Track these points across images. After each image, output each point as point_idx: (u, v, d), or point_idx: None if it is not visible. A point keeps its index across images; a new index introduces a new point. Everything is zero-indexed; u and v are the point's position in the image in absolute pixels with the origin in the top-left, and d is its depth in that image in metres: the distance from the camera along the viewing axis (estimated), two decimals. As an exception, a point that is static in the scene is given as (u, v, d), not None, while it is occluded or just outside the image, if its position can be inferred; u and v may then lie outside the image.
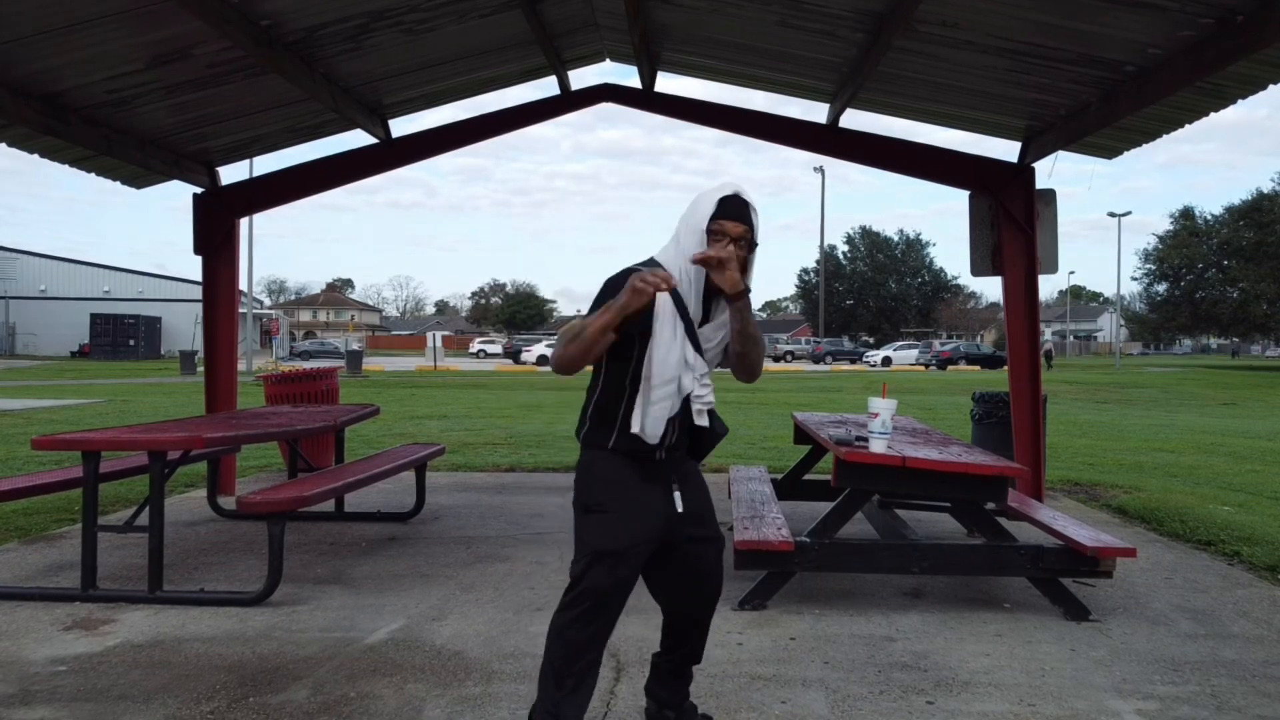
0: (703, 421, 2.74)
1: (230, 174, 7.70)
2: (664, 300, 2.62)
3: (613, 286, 2.64)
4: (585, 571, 2.67)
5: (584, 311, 2.86)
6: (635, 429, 2.67)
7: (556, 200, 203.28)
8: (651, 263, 2.74)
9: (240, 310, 11.44)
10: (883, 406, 4.33)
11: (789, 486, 6.34)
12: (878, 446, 4.33)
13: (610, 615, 2.71)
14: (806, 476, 6.43)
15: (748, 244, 2.68)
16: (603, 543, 2.69)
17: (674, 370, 2.65)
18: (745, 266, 2.68)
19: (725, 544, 2.97)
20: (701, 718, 3.09)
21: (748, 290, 2.65)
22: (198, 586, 4.72)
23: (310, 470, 6.51)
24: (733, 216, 2.65)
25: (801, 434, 6.24)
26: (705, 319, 2.75)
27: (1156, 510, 6.88)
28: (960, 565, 4.56)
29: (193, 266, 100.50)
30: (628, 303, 2.50)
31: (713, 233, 2.64)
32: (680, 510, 2.77)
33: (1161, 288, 52.82)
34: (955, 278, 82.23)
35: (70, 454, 7.36)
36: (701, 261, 2.58)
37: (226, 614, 4.31)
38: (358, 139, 7.53)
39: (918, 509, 6.04)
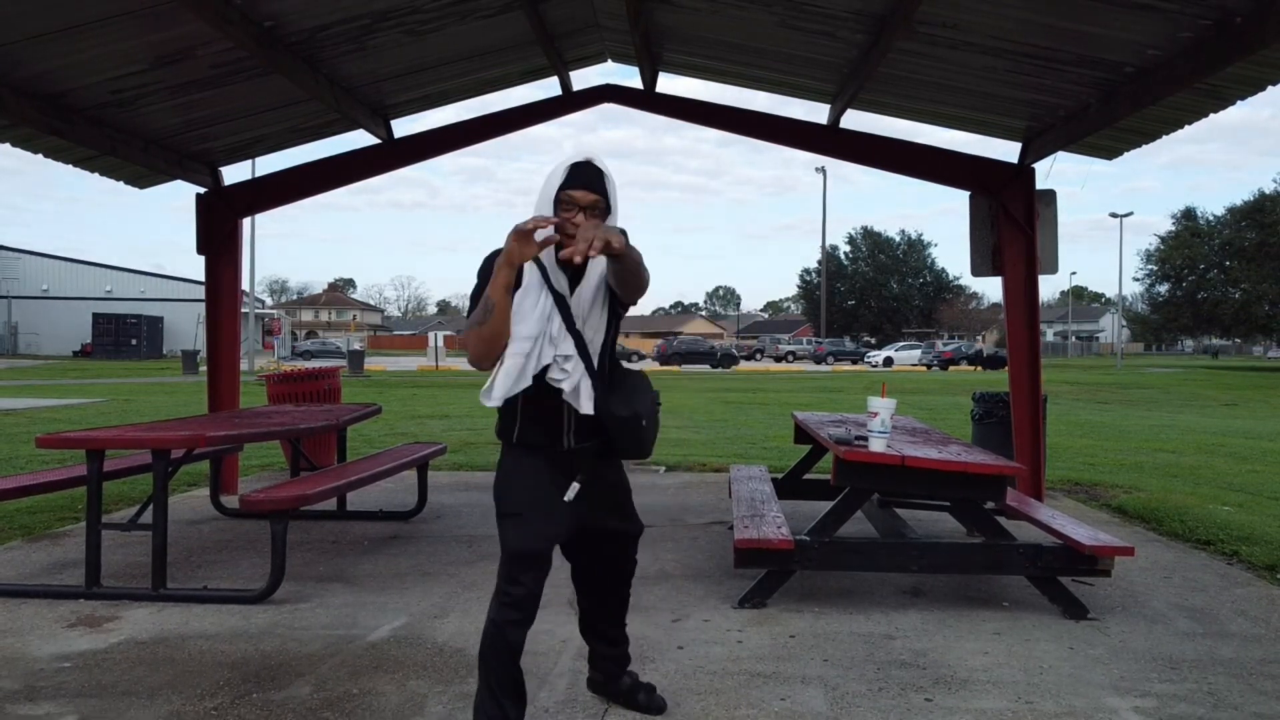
0: (584, 407, 2.67)
1: (232, 174, 7.73)
2: (530, 271, 2.61)
3: (489, 265, 2.63)
4: (509, 573, 2.70)
5: (466, 311, 2.83)
6: (486, 396, 2.64)
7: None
8: None
9: (242, 310, 11.45)
10: (882, 406, 4.35)
11: (789, 486, 6.35)
12: (877, 446, 4.35)
13: (528, 616, 2.75)
14: (807, 476, 6.44)
15: (601, 212, 2.62)
16: (515, 543, 2.70)
17: (531, 330, 2.59)
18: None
19: (639, 535, 3.04)
20: (645, 685, 3.20)
21: (624, 235, 2.56)
22: (201, 584, 4.74)
23: (312, 469, 6.53)
24: (583, 185, 2.60)
25: (802, 433, 6.26)
26: (577, 282, 2.68)
27: (1156, 510, 6.89)
28: (959, 564, 4.58)
29: (194, 266, 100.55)
30: (514, 249, 2.45)
31: (562, 202, 2.61)
32: (569, 499, 2.74)
33: (1163, 288, 52.77)
34: (957, 278, 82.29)
35: (73, 453, 7.39)
36: (550, 239, 2.50)
37: (229, 611, 4.33)
38: (360, 139, 7.57)
39: (917, 508, 6.06)
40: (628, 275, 2.58)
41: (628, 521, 2.98)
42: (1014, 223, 6.72)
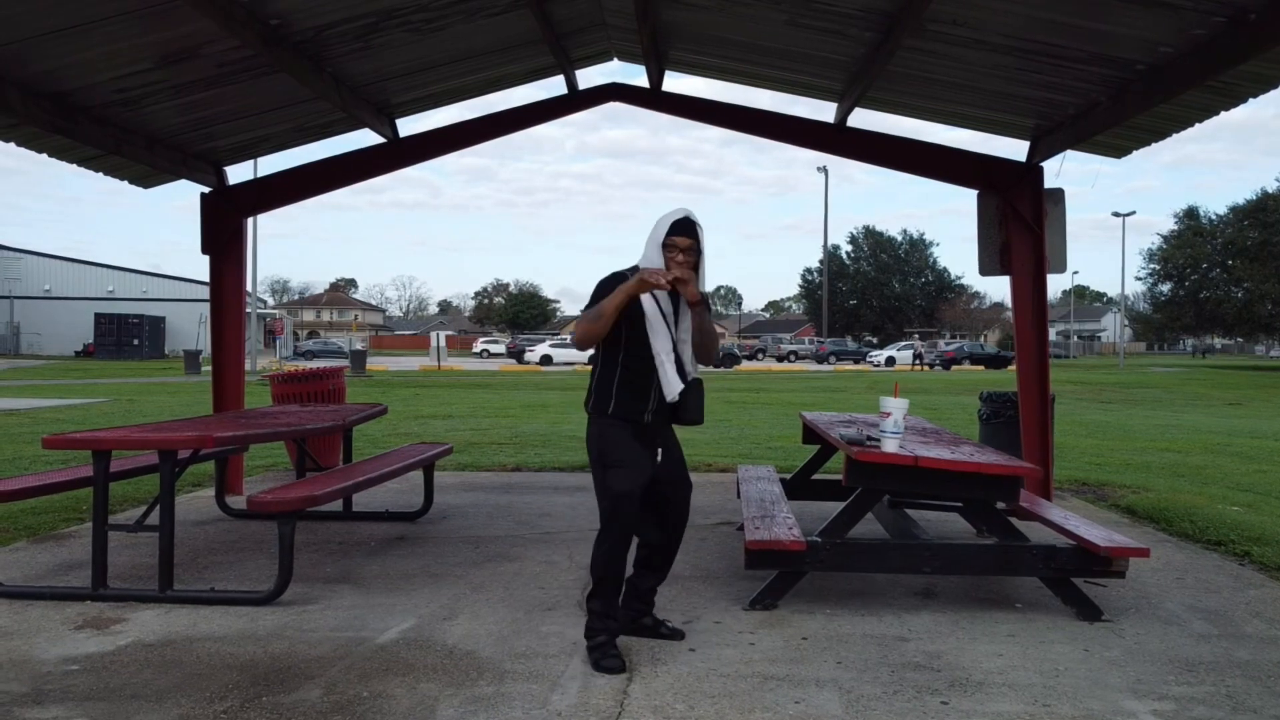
0: (670, 395, 3.62)
1: (237, 174, 7.71)
2: (649, 303, 3.57)
3: (608, 284, 3.56)
4: (615, 509, 3.59)
5: (583, 307, 3.68)
6: (668, 396, 3.60)
7: (560, 200, 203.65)
8: (634, 269, 3.58)
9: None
10: (895, 406, 4.32)
11: (798, 486, 6.32)
12: (890, 446, 4.32)
13: (632, 536, 3.70)
14: (815, 476, 6.41)
15: (695, 252, 3.59)
16: (623, 486, 3.58)
17: (668, 345, 3.60)
18: (696, 269, 3.60)
19: (693, 488, 3.95)
20: (663, 622, 3.98)
21: (706, 299, 3.68)
22: (208, 586, 4.71)
23: (318, 469, 6.50)
24: (680, 233, 3.56)
25: (810, 433, 6.22)
26: (675, 324, 3.66)
27: (1165, 510, 6.85)
28: (973, 565, 4.54)
29: (195, 266, 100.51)
30: (637, 287, 3.42)
31: (667, 246, 3.56)
32: (660, 461, 3.74)
33: (1166, 288, 52.70)
34: (959, 277, 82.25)
35: (77, 453, 7.36)
36: (672, 283, 3.45)
37: (237, 613, 4.30)
38: (365, 138, 7.53)
39: (926, 508, 6.02)
40: (705, 337, 3.69)
41: (686, 476, 3.88)
42: (1022, 222, 6.69)
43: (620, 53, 7.38)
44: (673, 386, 3.60)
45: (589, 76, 10.17)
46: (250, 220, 14.04)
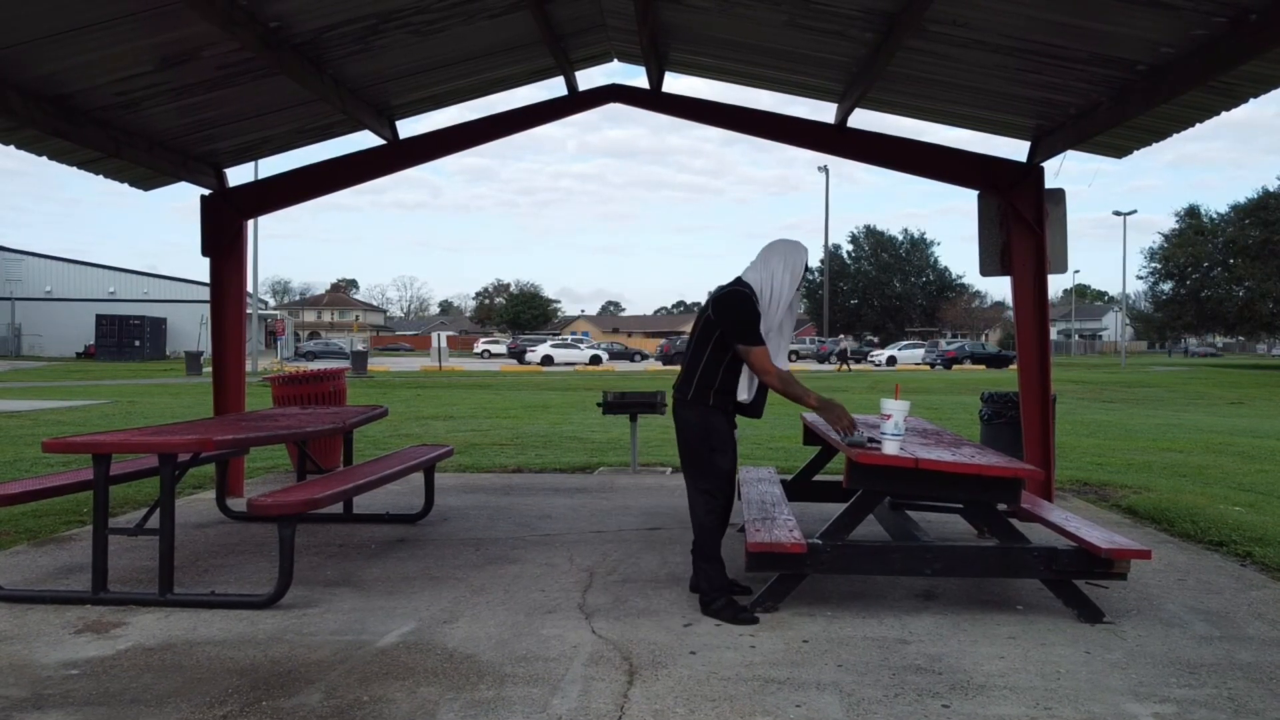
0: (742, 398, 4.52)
1: (237, 175, 7.71)
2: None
3: (746, 301, 4.31)
4: (726, 483, 4.38)
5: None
6: (742, 398, 4.46)
7: (561, 200, 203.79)
8: (740, 282, 4.40)
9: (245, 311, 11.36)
10: (896, 408, 4.30)
11: (799, 488, 6.30)
12: (891, 448, 4.31)
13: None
14: (816, 478, 6.40)
15: None
16: (729, 465, 4.40)
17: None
18: None
19: None
20: (740, 584, 4.65)
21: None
22: (208, 589, 4.71)
23: (319, 471, 6.50)
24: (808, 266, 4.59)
25: (811, 435, 6.21)
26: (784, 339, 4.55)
27: (1167, 511, 6.84)
28: (974, 567, 4.53)
29: (195, 266, 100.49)
30: (828, 418, 4.49)
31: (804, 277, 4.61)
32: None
33: (1167, 286, 52.63)
34: (960, 277, 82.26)
35: (78, 456, 7.34)
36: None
37: (237, 617, 4.30)
38: (365, 140, 7.53)
39: (927, 510, 6.01)
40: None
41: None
42: (1023, 222, 6.68)
43: (620, 54, 7.38)
44: (750, 390, 4.47)
45: (589, 77, 10.18)
46: (251, 221, 14.02)
